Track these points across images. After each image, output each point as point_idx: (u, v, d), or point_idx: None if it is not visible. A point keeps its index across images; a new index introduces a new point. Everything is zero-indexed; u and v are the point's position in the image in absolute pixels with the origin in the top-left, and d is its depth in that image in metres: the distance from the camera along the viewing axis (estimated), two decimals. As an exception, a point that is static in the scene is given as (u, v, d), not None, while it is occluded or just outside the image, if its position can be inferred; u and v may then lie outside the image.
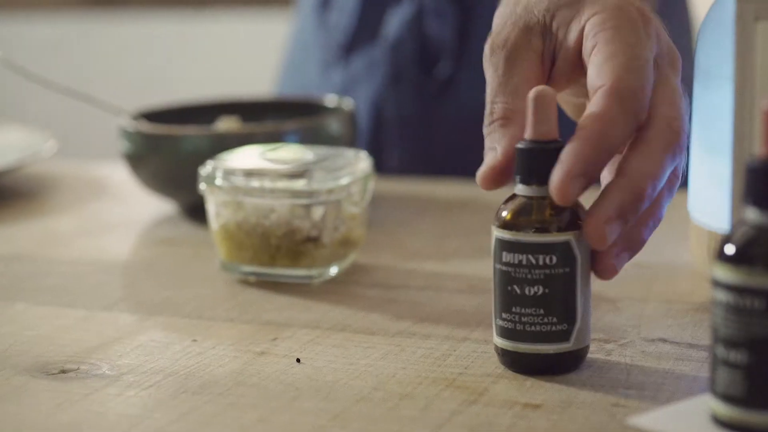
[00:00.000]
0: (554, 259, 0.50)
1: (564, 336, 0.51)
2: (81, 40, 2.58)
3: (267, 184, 0.65)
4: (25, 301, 0.65)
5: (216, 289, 0.66)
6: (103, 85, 2.00)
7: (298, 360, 0.54)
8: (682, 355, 0.54)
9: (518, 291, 0.51)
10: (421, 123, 1.01)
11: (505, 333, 0.52)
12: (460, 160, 1.02)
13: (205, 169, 0.67)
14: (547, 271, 0.50)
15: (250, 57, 2.32)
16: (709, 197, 0.61)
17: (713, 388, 0.43)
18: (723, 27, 0.58)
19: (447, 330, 0.58)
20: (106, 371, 0.53)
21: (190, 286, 0.67)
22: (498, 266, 0.52)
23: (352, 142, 0.84)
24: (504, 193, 0.53)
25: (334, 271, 0.67)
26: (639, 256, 0.69)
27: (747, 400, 0.42)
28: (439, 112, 1.01)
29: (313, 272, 0.66)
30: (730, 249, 0.42)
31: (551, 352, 0.51)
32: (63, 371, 0.53)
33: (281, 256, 0.66)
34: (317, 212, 0.66)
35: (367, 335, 0.58)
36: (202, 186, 0.67)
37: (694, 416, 0.45)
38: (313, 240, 0.66)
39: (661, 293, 0.64)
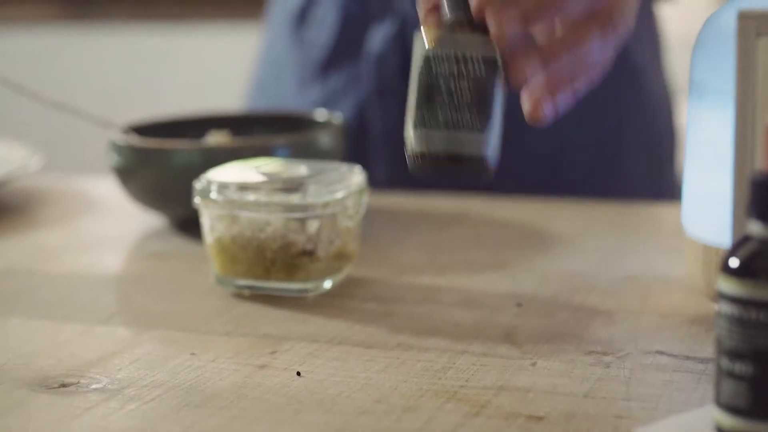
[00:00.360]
0: (479, 63, 0.56)
1: (478, 135, 0.56)
2: (59, 53, 2.57)
3: (262, 197, 0.65)
4: (21, 316, 0.64)
5: (211, 302, 0.66)
6: (82, 98, 1.99)
7: (298, 373, 0.54)
8: (680, 367, 0.54)
9: (443, 88, 0.56)
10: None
11: (423, 124, 0.56)
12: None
13: (200, 183, 0.67)
14: (473, 72, 0.56)
15: (229, 70, 2.32)
16: (703, 211, 0.61)
17: (717, 400, 0.44)
18: (718, 42, 0.59)
19: (445, 343, 0.58)
20: (107, 385, 0.53)
21: (185, 300, 0.67)
22: (422, 66, 0.57)
23: (342, 156, 0.85)
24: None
25: (328, 284, 0.67)
26: (633, 270, 0.71)
27: (751, 412, 0.43)
28: None
29: (308, 286, 0.66)
30: (734, 262, 0.43)
31: (468, 152, 0.57)
32: (63, 385, 0.53)
33: (276, 269, 0.66)
34: (312, 226, 0.66)
35: (366, 348, 0.58)
36: (197, 200, 0.67)
37: (698, 427, 0.46)
38: (308, 253, 0.66)
39: (655, 306, 0.64)
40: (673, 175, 1.12)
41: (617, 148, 1.05)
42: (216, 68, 2.49)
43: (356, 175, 0.69)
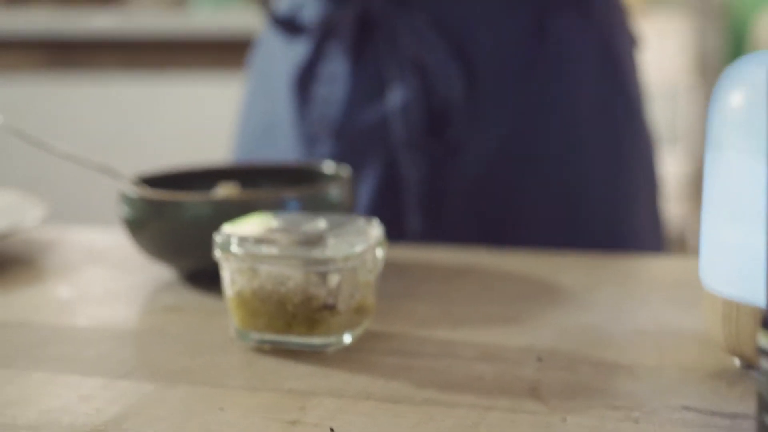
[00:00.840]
0: None
1: None
2: (43, 101, 2.56)
3: (283, 251, 0.66)
4: (42, 371, 0.64)
5: (231, 357, 0.66)
6: (67, 146, 1.98)
7: (331, 429, 0.54)
8: (708, 422, 0.55)
9: None
10: (436, 184, 1.02)
11: None
12: (477, 217, 1.04)
13: (220, 236, 0.67)
14: None
15: (213, 118, 2.33)
16: (723, 265, 0.62)
17: (761, 457, 0.44)
18: (736, 96, 0.60)
19: (471, 398, 0.58)
20: (140, 441, 0.52)
21: (205, 354, 0.67)
22: None
23: (351, 208, 0.85)
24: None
25: (348, 339, 0.67)
26: (647, 323, 0.71)
27: (795, 468, 0.43)
28: (452, 172, 1.02)
29: (329, 340, 0.66)
30: (776, 319, 0.43)
31: None
32: (97, 442, 0.52)
33: (297, 323, 0.66)
34: (333, 280, 0.66)
35: (393, 403, 0.58)
36: (217, 253, 0.67)
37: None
38: (329, 307, 0.66)
39: (674, 360, 0.64)
40: (661, 216, 1.15)
41: (624, 191, 1.08)
42: (200, 116, 2.49)
43: (374, 229, 0.70)
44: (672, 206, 3.53)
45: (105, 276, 0.86)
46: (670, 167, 3.65)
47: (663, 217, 1.16)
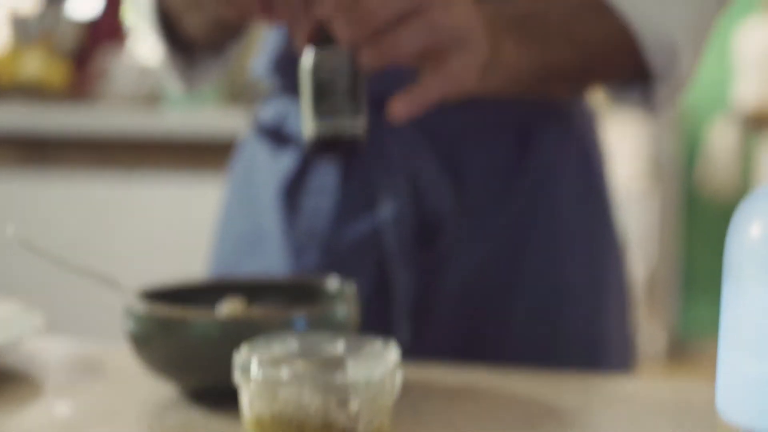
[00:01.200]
0: (349, 62, 0.81)
1: (358, 119, 0.82)
2: (14, 197, 2.55)
3: (303, 375, 0.66)
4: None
5: (250, 482, 0.66)
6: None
7: None
8: None
9: (330, 91, 0.80)
10: (423, 296, 1.03)
11: (313, 117, 0.81)
12: (461, 329, 1.04)
13: (240, 358, 0.68)
14: (347, 73, 0.81)
15: (185, 220, 2.33)
16: (741, 396, 0.63)
17: None
18: (756, 229, 0.61)
19: None
20: None
21: (222, 479, 0.66)
22: (308, 77, 0.81)
23: (357, 327, 0.85)
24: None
25: (366, 464, 0.67)
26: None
27: None
28: (439, 284, 1.03)
29: (349, 466, 0.66)
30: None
31: (352, 131, 0.82)
32: None
33: (316, 448, 0.66)
34: (354, 405, 0.66)
35: None
36: (237, 375, 0.67)
37: None
38: (349, 433, 0.66)
39: (691, 490, 0.65)
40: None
41: (599, 302, 1.09)
42: (174, 217, 2.49)
43: (392, 352, 0.70)
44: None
45: (106, 392, 0.86)
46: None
47: (632, 327, 1.18)
